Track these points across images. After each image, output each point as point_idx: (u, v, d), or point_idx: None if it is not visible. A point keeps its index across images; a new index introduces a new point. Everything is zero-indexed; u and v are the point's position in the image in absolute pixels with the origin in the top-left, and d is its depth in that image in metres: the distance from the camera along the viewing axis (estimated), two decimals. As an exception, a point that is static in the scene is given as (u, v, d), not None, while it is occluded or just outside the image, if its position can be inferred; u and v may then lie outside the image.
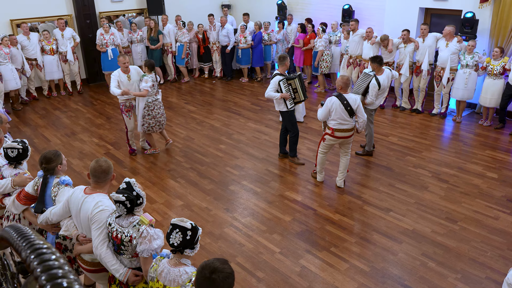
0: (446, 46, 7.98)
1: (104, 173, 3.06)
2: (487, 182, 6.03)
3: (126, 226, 2.88)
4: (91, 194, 3.04)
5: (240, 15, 11.96)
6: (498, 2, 7.80)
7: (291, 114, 6.46)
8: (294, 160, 6.73)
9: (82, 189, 3.12)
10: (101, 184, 3.09)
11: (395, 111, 8.92)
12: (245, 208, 5.55)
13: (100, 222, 2.95)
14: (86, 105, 9.75)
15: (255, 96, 10.22)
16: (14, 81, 8.90)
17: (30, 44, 9.53)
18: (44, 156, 3.50)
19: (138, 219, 2.88)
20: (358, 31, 9.06)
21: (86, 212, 2.98)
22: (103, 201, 3.01)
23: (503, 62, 7.50)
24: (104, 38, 10.11)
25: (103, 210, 2.96)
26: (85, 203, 3.01)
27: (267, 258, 4.57)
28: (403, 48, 8.50)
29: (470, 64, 7.72)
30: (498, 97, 7.66)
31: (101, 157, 3.19)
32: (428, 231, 4.98)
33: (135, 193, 2.89)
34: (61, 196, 3.35)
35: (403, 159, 6.78)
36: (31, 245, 0.84)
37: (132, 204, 2.87)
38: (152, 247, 2.83)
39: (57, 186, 3.45)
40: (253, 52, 11.03)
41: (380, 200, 5.66)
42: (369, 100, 6.43)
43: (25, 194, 3.50)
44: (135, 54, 10.94)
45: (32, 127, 8.44)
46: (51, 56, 9.85)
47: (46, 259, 0.78)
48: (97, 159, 3.12)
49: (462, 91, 7.92)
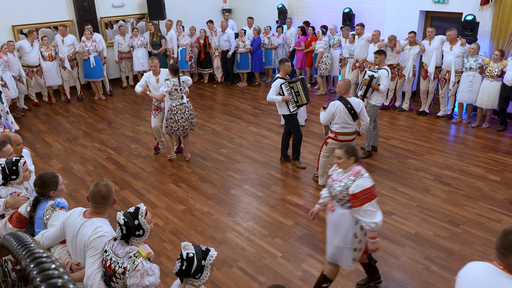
0: (450, 49, 8.00)
1: (103, 199, 2.85)
2: (490, 185, 6.00)
3: (122, 256, 2.64)
4: (91, 218, 2.84)
5: (240, 19, 12.02)
6: (499, 5, 7.80)
7: (294, 118, 6.46)
8: (296, 164, 6.73)
9: (81, 212, 2.91)
10: (101, 209, 2.89)
11: (394, 113, 8.91)
12: (247, 213, 5.53)
13: (97, 249, 2.74)
14: (87, 110, 9.77)
15: (256, 100, 10.22)
16: (13, 90, 8.76)
17: (32, 51, 9.49)
18: (40, 178, 3.26)
19: (135, 250, 2.65)
20: (364, 35, 9.09)
21: (84, 237, 2.78)
22: (103, 226, 2.81)
23: (502, 65, 7.52)
24: (86, 46, 9.93)
25: (102, 236, 2.76)
26: (83, 227, 2.81)
27: (269, 263, 4.56)
28: (408, 50, 8.53)
29: (473, 67, 7.73)
30: (495, 99, 7.69)
31: (103, 178, 3.01)
32: (430, 235, 4.96)
33: (136, 222, 2.66)
34: (54, 220, 3.12)
35: (405, 162, 6.77)
36: (31, 254, 0.83)
37: (129, 232, 2.65)
38: (143, 283, 2.59)
39: (50, 209, 3.21)
40: (252, 57, 11.05)
41: (382, 203, 5.64)
42: (383, 87, 6.46)
43: (18, 215, 3.26)
44: (135, 59, 10.90)
45: (34, 132, 8.46)
46: (50, 62, 9.79)
47: (45, 268, 0.78)
48: (96, 183, 2.89)
49: (467, 94, 7.93)
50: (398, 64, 8.79)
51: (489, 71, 7.59)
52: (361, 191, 3.49)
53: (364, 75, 6.60)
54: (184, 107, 6.57)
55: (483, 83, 7.75)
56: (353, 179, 3.54)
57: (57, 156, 7.36)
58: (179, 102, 6.52)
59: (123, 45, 10.78)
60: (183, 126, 6.65)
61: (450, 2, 8.46)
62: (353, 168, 3.62)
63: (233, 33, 11.05)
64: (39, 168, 6.47)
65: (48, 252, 0.86)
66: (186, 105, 6.59)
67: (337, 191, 3.62)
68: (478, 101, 7.90)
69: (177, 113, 6.54)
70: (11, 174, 3.58)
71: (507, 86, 7.46)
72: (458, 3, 8.37)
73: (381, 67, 6.59)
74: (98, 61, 10.11)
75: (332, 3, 10.57)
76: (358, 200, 3.50)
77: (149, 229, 2.74)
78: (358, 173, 3.57)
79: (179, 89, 6.45)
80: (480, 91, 7.80)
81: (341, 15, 10.21)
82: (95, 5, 10.70)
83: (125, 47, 10.82)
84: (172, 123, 6.59)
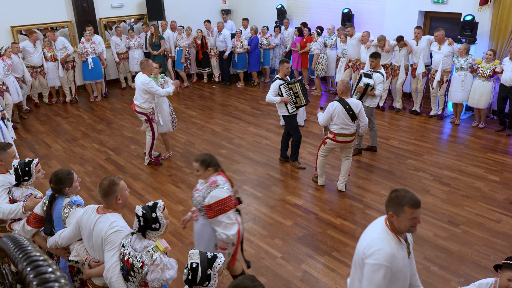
0: (439, 49, 8.03)
1: (103, 192, 2.89)
2: (489, 185, 6.00)
3: (140, 251, 2.68)
4: (105, 214, 2.89)
5: (240, 20, 12.00)
6: (498, 5, 7.81)
7: (293, 119, 6.46)
8: (295, 164, 6.72)
9: (95, 209, 2.95)
10: (108, 203, 2.92)
11: (392, 113, 8.91)
12: (246, 213, 5.53)
13: (114, 243, 2.78)
14: (87, 111, 9.76)
15: (255, 100, 10.22)
16: (16, 94, 8.57)
17: (36, 51, 9.44)
18: (56, 174, 3.30)
19: (153, 245, 2.70)
20: (355, 35, 9.14)
21: (100, 233, 2.82)
22: (118, 221, 2.86)
23: (493, 65, 7.54)
24: (85, 47, 9.86)
25: (119, 231, 2.81)
26: (98, 223, 2.85)
27: (268, 263, 4.55)
28: (398, 51, 8.57)
29: (464, 66, 7.76)
30: (486, 99, 7.73)
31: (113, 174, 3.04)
32: (430, 235, 4.95)
33: (154, 215, 2.74)
34: (72, 218, 3.18)
35: (404, 162, 6.77)
36: (28, 257, 0.83)
37: (146, 224, 2.72)
38: (164, 276, 2.64)
39: (67, 207, 3.26)
40: (250, 56, 11.05)
41: (381, 204, 5.63)
42: (378, 93, 6.52)
43: (34, 216, 3.33)
44: (132, 60, 10.91)
45: (33, 133, 8.45)
46: (52, 63, 9.75)
47: (42, 272, 0.77)
48: (101, 181, 2.95)
49: (459, 94, 7.97)
50: (390, 64, 8.81)
51: (481, 71, 7.62)
52: (215, 202, 3.45)
53: (359, 82, 6.60)
54: None
55: (475, 83, 7.79)
56: (210, 190, 3.50)
57: (56, 157, 7.35)
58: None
59: (120, 45, 10.76)
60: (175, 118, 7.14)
61: (450, 2, 8.47)
62: (210, 179, 3.58)
63: (229, 34, 11.03)
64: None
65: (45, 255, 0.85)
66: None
67: (196, 201, 3.60)
68: (470, 100, 7.93)
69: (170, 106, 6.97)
70: (24, 175, 3.65)
71: (505, 86, 7.47)
72: (457, 4, 8.37)
73: (376, 70, 6.60)
74: (97, 63, 10.05)
75: (331, 4, 10.57)
76: (212, 211, 3.46)
77: (165, 224, 2.79)
78: (214, 183, 3.53)
79: None
80: (471, 91, 7.84)
81: (340, 15, 10.21)
82: (94, 5, 10.69)
83: (122, 47, 10.80)
84: (174, 117, 7.05)
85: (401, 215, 2.56)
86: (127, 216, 5.15)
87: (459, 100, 8.05)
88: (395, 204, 2.58)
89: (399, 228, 2.61)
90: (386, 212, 2.65)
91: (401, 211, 2.55)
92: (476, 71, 7.75)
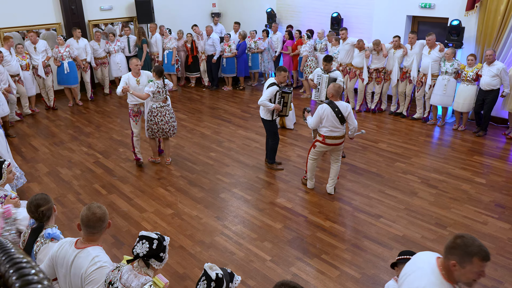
0: (428, 53, 8.15)
1: (100, 222, 2.56)
2: (476, 188, 6.08)
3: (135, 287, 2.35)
4: (85, 248, 2.54)
5: (230, 23, 12.02)
6: (484, 10, 7.94)
7: (274, 123, 6.54)
8: (273, 167, 6.77)
9: (73, 243, 2.60)
10: (96, 235, 2.59)
11: (381, 116, 8.99)
12: (236, 216, 5.52)
13: (97, 283, 2.44)
14: (74, 114, 9.66)
15: (244, 103, 10.23)
16: (0, 108, 7.68)
17: (12, 59, 8.73)
18: (35, 200, 2.93)
19: (150, 281, 2.36)
20: (348, 39, 9.17)
21: (80, 270, 2.49)
22: (100, 256, 2.53)
23: (476, 68, 7.67)
24: (60, 51, 9.50)
25: (102, 267, 2.47)
26: (77, 259, 2.51)
27: (258, 266, 4.55)
28: (392, 54, 8.65)
29: (449, 71, 7.88)
30: (470, 102, 7.86)
31: (92, 202, 2.72)
32: (418, 237, 5.00)
33: (165, 243, 2.50)
34: (43, 254, 2.81)
35: (393, 165, 6.82)
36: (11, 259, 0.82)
37: (158, 249, 2.42)
38: None
39: (40, 240, 2.85)
40: (238, 61, 11.06)
41: (370, 206, 5.67)
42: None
43: None
44: (113, 65, 10.65)
45: (19, 136, 8.34)
46: (27, 72, 9.18)
47: (25, 274, 0.76)
48: (88, 206, 2.60)
49: (440, 97, 8.13)
50: (383, 68, 8.90)
51: (465, 75, 7.75)
52: None
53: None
54: (165, 110, 6.51)
55: (460, 87, 7.93)
56: None
57: (43, 160, 7.26)
58: (160, 104, 6.46)
59: (98, 50, 10.48)
60: (163, 129, 6.59)
61: (437, 7, 8.59)
62: None
63: (218, 38, 11.01)
64: (25, 172, 6.37)
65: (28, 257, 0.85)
66: (167, 108, 6.54)
67: None
68: (454, 104, 8.06)
69: (157, 115, 6.48)
70: None
71: (482, 90, 7.62)
72: (444, 8, 8.50)
73: (330, 70, 6.82)
74: (73, 67, 9.66)
75: (320, 8, 10.65)
76: None
77: (166, 260, 2.56)
78: None
79: (162, 92, 6.40)
80: (456, 95, 7.98)
81: (330, 19, 10.29)
82: (83, 8, 10.61)
83: (100, 52, 10.54)
84: (152, 125, 6.55)
85: (467, 267, 2.24)
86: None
87: (436, 102, 8.24)
88: (461, 254, 2.25)
89: (459, 279, 2.30)
90: (445, 258, 2.34)
91: (468, 262, 2.24)
92: (460, 76, 7.88)
